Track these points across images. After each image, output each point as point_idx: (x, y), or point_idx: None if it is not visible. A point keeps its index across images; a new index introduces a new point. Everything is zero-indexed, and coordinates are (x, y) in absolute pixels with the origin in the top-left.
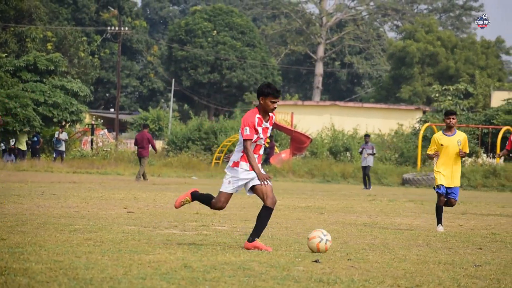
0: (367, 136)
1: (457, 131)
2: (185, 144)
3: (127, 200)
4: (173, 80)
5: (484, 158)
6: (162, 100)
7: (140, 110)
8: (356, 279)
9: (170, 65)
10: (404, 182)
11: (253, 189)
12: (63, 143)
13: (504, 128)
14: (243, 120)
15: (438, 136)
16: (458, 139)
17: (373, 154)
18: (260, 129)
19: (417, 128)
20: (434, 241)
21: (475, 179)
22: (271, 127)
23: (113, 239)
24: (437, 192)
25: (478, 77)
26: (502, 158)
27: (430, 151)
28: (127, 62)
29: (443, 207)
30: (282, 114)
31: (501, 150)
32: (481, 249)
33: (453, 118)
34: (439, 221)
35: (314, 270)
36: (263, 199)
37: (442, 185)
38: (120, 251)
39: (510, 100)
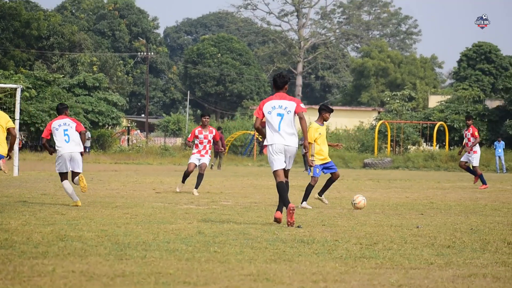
0: None
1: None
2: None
3: (155, 183)
4: (188, 92)
5: (424, 146)
6: (181, 107)
7: (164, 115)
8: (329, 239)
9: (186, 80)
10: (365, 165)
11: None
12: (88, 142)
13: (439, 123)
14: None
15: (315, 126)
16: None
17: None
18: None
19: (374, 124)
20: (387, 209)
21: (418, 162)
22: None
23: (145, 213)
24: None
25: (418, 85)
26: (438, 146)
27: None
28: (153, 79)
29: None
30: None
31: (437, 140)
32: (422, 214)
33: (329, 114)
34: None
35: (297, 234)
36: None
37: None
38: (150, 222)
39: (442, 102)
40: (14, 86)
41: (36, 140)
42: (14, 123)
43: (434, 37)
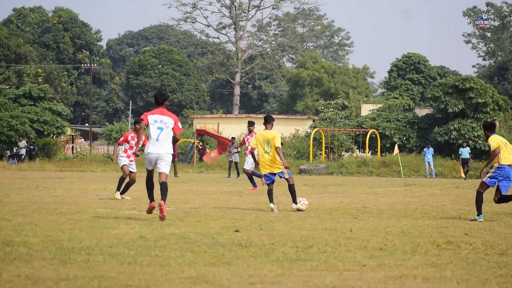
0: (233, 138)
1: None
2: (141, 148)
3: (99, 190)
4: (131, 101)
5: (357, 153)
6: (123, 116)
7: (107, 124)
8: (266, 243)
9: (128, 91)
10: (301, 172)
11: None
12: (23, 149)
13: (371, 131)
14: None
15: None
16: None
17: (238, 152)
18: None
19: (309, 132)
20: (322, 214)
21: (351, 168)
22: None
23: (88, 218)
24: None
25: (351, 94)
26: (370, 152)
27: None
28: (96, 89)
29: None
30: (211, 124)
31: (369, 147)
32: (355, 218)
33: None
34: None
35: (235, 238)
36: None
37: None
38: (93, 227)
39: (374, 110)
40: None
41: None
42: None
43: (366, 48)
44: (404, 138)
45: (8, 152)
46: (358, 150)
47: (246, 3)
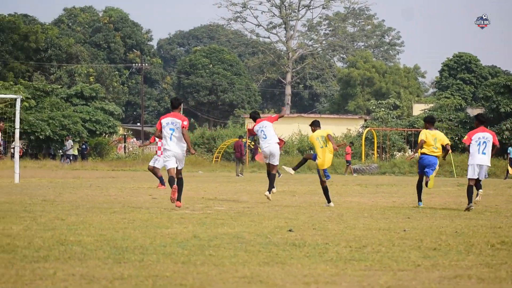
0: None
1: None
2: (193, 147)
3: (152, 189)
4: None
5: (409, 152)
6: None
7: None
8: (320, 242)
9: (179, 90)
10: (354, 171)
11: None
12: (70, 149)
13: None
14: None
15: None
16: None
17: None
18: None
19: (361, 132)
20: (375, 214)
21: (404, 168)
22: None
23: (142, 218)
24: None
25: (402, 94)
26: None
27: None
28: (148, 89)
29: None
30: None
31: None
32: (409, 218)
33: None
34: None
35: (289, 237)
36: None
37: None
38: (147, 227)
39: (426, 110)
40: (14, 96)
41: (36, 148)
42: (14, 132)
43: (416, 48)
44: (456, 138)
45: (60, 151)
46: (410, 150)
47: (296, 3)
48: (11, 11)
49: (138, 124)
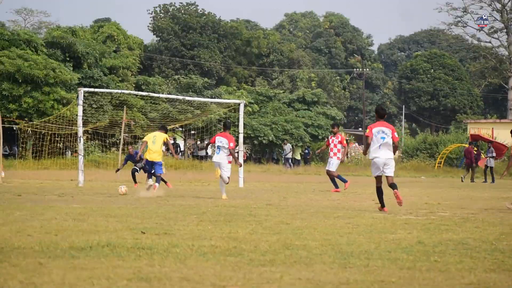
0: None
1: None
2: (415, 153)
3: (373, 195)
4: (403, 106)
5: None
6: (396, 121)
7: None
8: None
9: (400, 95)
10: None
11: None
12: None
13: None
14: None
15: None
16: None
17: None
18: None
19: None
20: None
21: None
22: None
23: (366, 223)
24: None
25: None
26: None
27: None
28: (369, 94)
29: None
30: (484, 129)
31: None
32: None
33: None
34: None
35: None
36: None
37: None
38: (371, 232)
39: None
40: (237, 101)
41: (260, 152)
42: (238, 136)
43: None
44: None
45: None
46: None
47: None
48: (233, 17)
49: (360, 129)
